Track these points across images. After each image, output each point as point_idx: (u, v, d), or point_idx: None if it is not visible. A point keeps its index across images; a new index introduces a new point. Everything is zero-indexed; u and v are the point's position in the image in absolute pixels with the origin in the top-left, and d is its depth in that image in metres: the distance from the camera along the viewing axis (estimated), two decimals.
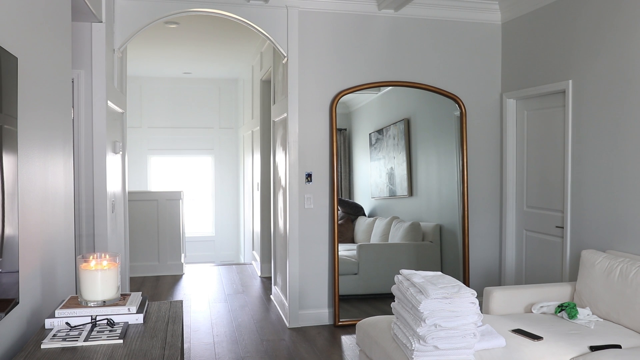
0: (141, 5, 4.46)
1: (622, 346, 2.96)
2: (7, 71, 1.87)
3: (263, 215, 6.88)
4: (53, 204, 2.53)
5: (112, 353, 1.78)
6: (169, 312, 2.26)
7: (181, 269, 7.19)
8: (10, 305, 1.87)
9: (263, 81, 6.78)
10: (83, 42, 3.88)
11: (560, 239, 4.38)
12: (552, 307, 3.53)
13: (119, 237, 4.60)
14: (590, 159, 4.04)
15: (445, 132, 5.25)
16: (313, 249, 4.83)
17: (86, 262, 2.14)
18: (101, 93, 3.93)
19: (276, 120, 5.51)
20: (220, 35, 6.51)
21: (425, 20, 5.03)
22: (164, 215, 7.10)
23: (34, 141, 2.24)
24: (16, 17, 2.07)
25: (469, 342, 2.71)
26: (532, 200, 4.80)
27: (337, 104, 4.83)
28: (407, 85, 5.01)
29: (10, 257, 1.86)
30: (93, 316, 2.03)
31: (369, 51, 4.92)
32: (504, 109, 5.07)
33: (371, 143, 5.41)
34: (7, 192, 1.82)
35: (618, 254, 3.58)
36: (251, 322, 5.01)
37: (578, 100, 4.15)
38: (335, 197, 4.81)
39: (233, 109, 9.71)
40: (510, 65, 5.06)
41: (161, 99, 9.42)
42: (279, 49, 4.78)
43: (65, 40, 2.84)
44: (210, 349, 4.32)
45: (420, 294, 2.73)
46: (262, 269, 6.96)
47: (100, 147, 3.95)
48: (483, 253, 5.17)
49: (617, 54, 3.78)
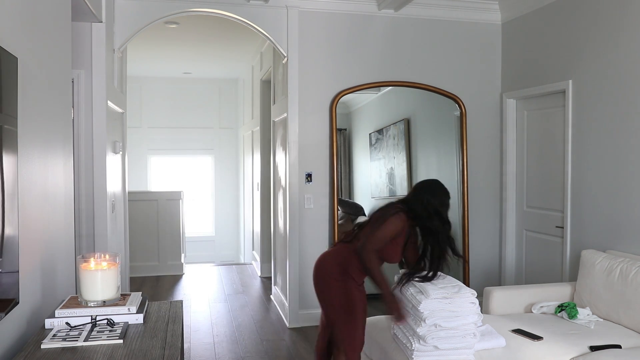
0: (141, 5, 4.46)
1: (622, 346, 2.96)
2: (7, 71, 1.87)
3: (263, 215, 6.88)
4: (53, 204, 2.53)
5: (112, 353, 1.78)
6: (169, 312, 2.26)
7: (181, 269, 7.19)
8: (10, 305, 1.87)
9: (263, 81, 6.77)
10: (83, 42, 3.88)
11: (560, 239, 4.38)
12: (552, 307, 3.53)
13: (119, 237, 4.60)
14: (590, 159, 4.04)
15: (445, 132, 5.25)
16: (313, 249, 4.82)
17: (86, 262, 2.14)
18: (101, 93, 3.93)
19: (276, 120, 5.51)
20: (220, 35, 6.50)
21: (425, 20, 5.03)
22: (164, 215, 7.10)
23: (34, 141, 2.24)
24: (16, 17, 2.07)
25: (469, 342, 2.71)
26: (532, 200, 4.80)
27: (337, 104, 4.82)
28: (407, 85, 5.01)
29: (10, 257, 1.86)
30: (93, 316, 2.03)
31: (369, 51, 4.92)
32: (504, 109, 5.07)
33: (371, 143, 5.41)
34: (7, 192, 1.82)
35: (618, 254, 3.58)
36: (251, 322, 5.01)
37: (578, 100, 4.15)
38: (335, 197, 4.81)
39: (233, 109, 9.71)
40: (510, 65, 5.06)
41: (161, 99, 9.41)
42: (279, 49, 4.78)
43: (65, 40, 2.84)
44: (210, 349, 4.32)
45: (420, 294, 2.73)
46: (262, 269, 6.96)
47: (100, 147, 3.94)
48: (483, 253, 5.17)
49: (617, 54, 3.78)
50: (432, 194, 2.87)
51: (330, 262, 2.87)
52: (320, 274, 2.88)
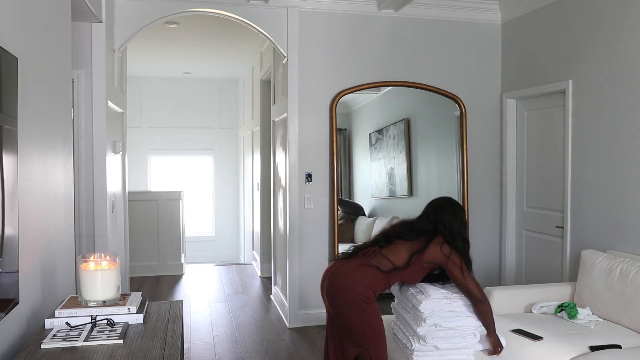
0: (141, 5, 4.46)
1: (622, 346, 2.96)
2: (7, 71, 1.87)
3: (263, 215, 6.88)
4: (53, 204, 2.53)
5: (112, 353, 1.78)
6: (169, 312, 2.26)
7: (181, 269, 7.19)
8: (10, 305, 1.87)
9: (263, 81, 6.77)
10: (83, 42, 3.88)
11: (560, 239, 4.38)
12: (552, 307, 3.53)
13: (119, 237, 4.60)
14: (590, 159, 4.04)
15: (445, 132, 5.24)
16: (313, 249, 4.83)
17: (86, 262, 2.14)
18: (101, 93, 3.93)
19: (276, 120, 5.51)
20: (220, 35, 6.51)
21: (425, 20, 5.03)
22: (164, 215, 7.10)
23: (34, 141, 2.24)
24: (16, 17, 2.07)
25: (469, 342, 2.71)
26: (532, 200, 4.80)
27: (337, 104, 4.82)
28: (407, 85, 5.01)
29: (10, 257, 1.86)
30: (93, 316, 2.03)
31: (369, 51, 4.92)
32: (504, 109, 5.07)
33: (371, 143, 5.42)
34: (7, 192, 1.82)
35: (618, 254, 3.58)
36: (251, 322, 5.01)
37: (578, 100, 4.15)
38: (335, 197, 4.81)
39: (233, 109, 9.71)
40: (510, 65, 5.06)
41: (161, 99, 9.42)
42: (279, 49, 4.78)
43: (65, 40, 2.84)
44: (210, 349, 4.32)
45: (420, 294, 2.73)
46: (262, 269, 6.96)
47: (100, 147, 3.94)
48: (483, 253, 5.17)
49: (617, 54, 3.78)
50: (453, 215, 2.81)
51: (360, 284, 2.64)
52: (349, 296, 2.65)
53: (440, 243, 2.74)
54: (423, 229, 2.79)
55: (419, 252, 2.71)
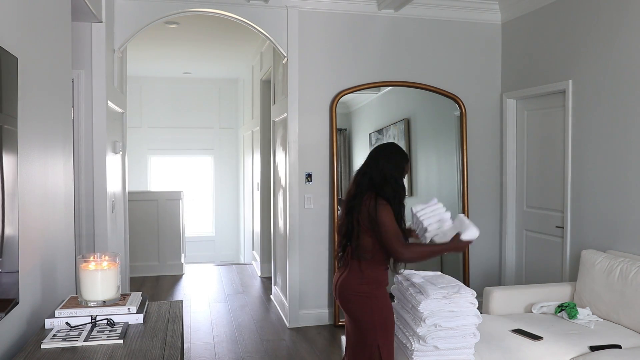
0: (141, 5, 4.46)
1: (622, 346, 2.96)
2: (7, 71, 1.87)
3: (263, 215, 6.88)
4: (53, 204, 2.53)
5: (112, 353, 1.78)
6: (169, 312, 2.26)
7: (181, 269, 7.19)
8: (10, 305, 1.87)
9: (263, 81, 6.78)
10: (83, 42, 3.88)
11: (560, 239, 4.38)
12: (552, 307, 3.53)
13: (119, 237, 4.60)
14: (590, 159, 4.04)
15: (445, 132, 5.24)
16: (313, 249, 4.83)
17: (86, 262, 2.14)
18: (101, 93, 3.93)
19: (276, 120, 5.51)
20: (220, 35, 6.51)
21: (425, 20, 5.03)
22: (164, 215, 7.10)
23: (34, 141, 2.24)
24: (16, 17, 2.07)
25: (468, 342, 2.71)
26: (532, 200, 4.80)
27: (337, 104, 4.83)
28: (407, 85, 5.01)
29: (10, 257, 1.86)
30: (93, 316, 2.03)
31: (369, 51, 4.92)
32: (504, 109, 5.07)
33: (371, 143, 5.41)
34: (7, 192, 1.82)
35: (618, 254, 3.58)
36: (251, 322, 5.01)
37: (578, 100, 4.15)
38: (335, 197, 4.81)
39: (233, 109, 9.71)
40: (510, 65, 5.06)
41: (161, 99, 9.42)
42: (279, 49, 4.78)
43: (65, 40, 2.84)
44: (210, 349, 4.32)
45: (420, 294, 2.73)
46: (262, 269, 6.96)
47: (100, 147, 3.95)
48: (483, 253, 5.17)
49: (617, 54, 3.78)
50: (387, 158, 2.62)
51: (352, 282, 2.60)
52: (350, 297, 2.62)
53: (368, 200, 2.55)
54: (363, 190, 2.62)
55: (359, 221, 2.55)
